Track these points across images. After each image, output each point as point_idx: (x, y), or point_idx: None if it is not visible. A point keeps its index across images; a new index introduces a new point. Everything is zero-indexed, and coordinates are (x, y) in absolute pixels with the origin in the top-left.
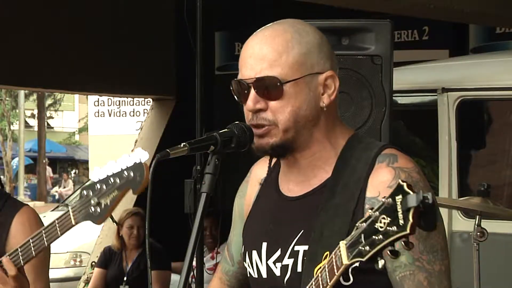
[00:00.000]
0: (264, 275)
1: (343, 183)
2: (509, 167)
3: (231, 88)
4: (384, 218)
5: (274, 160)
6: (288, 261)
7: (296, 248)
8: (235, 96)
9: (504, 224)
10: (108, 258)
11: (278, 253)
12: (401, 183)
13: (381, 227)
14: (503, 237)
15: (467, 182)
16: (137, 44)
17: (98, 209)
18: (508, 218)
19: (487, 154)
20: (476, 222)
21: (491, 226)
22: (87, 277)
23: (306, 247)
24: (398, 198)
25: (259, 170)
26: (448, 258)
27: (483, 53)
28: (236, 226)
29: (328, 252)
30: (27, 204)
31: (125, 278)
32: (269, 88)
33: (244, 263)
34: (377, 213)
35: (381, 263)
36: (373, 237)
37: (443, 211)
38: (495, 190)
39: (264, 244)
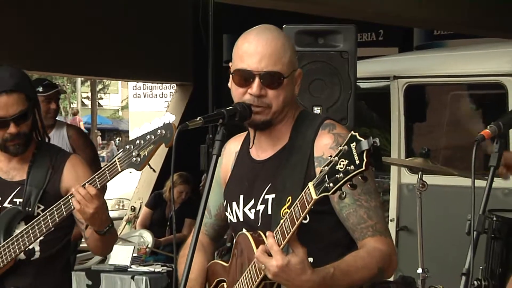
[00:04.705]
0: (241, 219)
1: (298, 146)
2: (443, 135)
3: (232, 74)
4: (342, 161)
5: (243, 136)
6: (260, 207)
7: (266, 196)
8: (235, 81)
9: (440, 178)
10: (157, 202)
11: (252, 202)
12: (353, 133)
13: (341, 168)
14: (439, 188)
15: (412, 147)
16: (164, 43)
17: (138, 159)
18: (443, 174)
19: (427, 126)
20: (419, 177)
21: (430, 179)
22: (128, 217)
23: (273, 195)
24: (353, 144)
25: (232, 145)
26: (380, 197)
27: (424, 49)
28: (213, 187)
29: (290, 197)
30: (76, 154)
31: (167, 223)
32: (274, 80)
33: (226, 212)
34: (336, 158)
35: (342, 195)
36: (336, 176)
37: (394, 169)
38: (434, 153)
39: (241, 196)
